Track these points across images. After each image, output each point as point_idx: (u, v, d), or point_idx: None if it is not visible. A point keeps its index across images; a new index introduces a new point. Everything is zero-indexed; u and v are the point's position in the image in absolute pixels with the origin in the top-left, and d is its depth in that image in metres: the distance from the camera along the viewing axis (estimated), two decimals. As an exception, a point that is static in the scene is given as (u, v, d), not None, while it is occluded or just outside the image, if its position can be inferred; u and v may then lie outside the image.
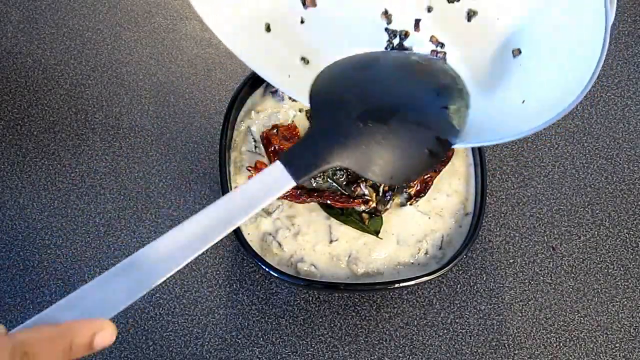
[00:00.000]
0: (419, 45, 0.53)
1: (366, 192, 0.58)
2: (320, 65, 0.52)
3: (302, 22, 0.53)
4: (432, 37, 0.53)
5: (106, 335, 0.37)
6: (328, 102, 0.48)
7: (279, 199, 0.58)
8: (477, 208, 0.58)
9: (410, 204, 0.59)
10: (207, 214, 0.41)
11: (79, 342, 0.36)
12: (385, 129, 0.46)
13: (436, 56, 0.52)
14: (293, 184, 0.43)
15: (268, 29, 0.52)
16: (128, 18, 0.74)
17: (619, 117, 0.71)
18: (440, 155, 0.47)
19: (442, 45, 0.53)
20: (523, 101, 0.47)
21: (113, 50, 0.72)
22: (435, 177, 0.60)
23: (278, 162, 0.43)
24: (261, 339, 0.61)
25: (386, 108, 0.47)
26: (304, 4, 0.52)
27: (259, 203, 0.43)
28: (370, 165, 0.46)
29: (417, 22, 0.53)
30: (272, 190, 0.43)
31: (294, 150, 0.45)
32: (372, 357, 0.61)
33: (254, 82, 0.62)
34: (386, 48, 0.53)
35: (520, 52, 0.49)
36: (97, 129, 0.69)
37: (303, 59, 0.53)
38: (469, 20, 0.51)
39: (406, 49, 0.53)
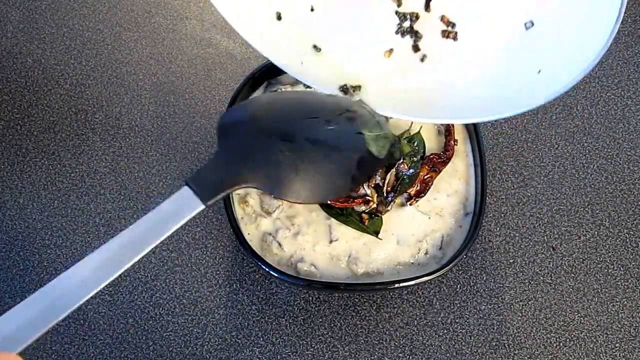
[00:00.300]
0: (430, 27, 0.53)
1: (368, 192, 0.58)
2: (330, 52, 0.52)
3: (312, 10, 0.53)
4: (442, 17, 0.52)
5: None
6: (237, 126, 0.48)
7: (278, 199, 0.58)
8: (477, 208, 0.58)
9: (410, 204, 0.59)
10: (116, 241, 0.41)
11: None
12: (294, 149, 0.46)
13: (447, 37, 0.52)
14: (201, 207, 0.43)
15: (279, 17, 0.52)
16: (128, 18, 0.74)
17: (619, 117, 0.71)
18: (356, 179, 0.48)
19: (453, 25, 0.52)
20: (539, 71, 0.47)
21: (113, 50, 0.72)
22: (436, 177, 0.60)
23: (185, 187, 0.43)
24: (261, 339, 0.61)
25: (297, 133, 0.47)
26: None
27: (166, 229, 0.42)
28: (280, 187, 0.46)
29: (428, 2, 0.53)
30: (181, 215, 0.43)
31: (201, 173, 0.44)
32: (372, 357, 0.61)
33: (254, 82, 0.62)
34: (396, 32, 0.53)
35: (532, 24, 0.49)
36: (97, 129, 0.69)
37: (315, 47, 0.53)
38: None
39: (416, 32, 0.53)
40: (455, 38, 0.52)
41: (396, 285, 0.55)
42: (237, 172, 0.45)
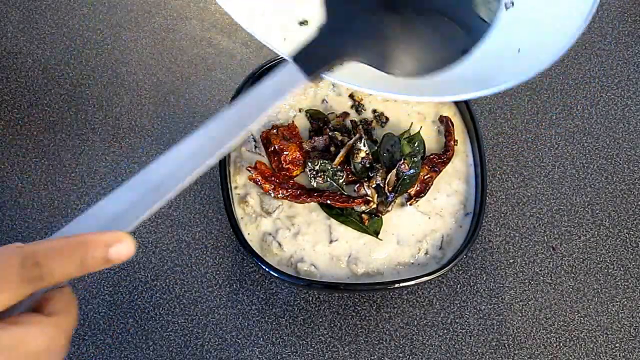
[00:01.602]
0: None
1: (368, 192, 0.58)
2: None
3: None
4: None
5: (123, 248, 0.35)
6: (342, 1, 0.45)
7: (279, 199, 0.58)
8: (477, 208, 0.58)
9: (410, 204, 0.59)
10: (221, 117, 0.40)
11: (94, 254, 0.34)
12: (401, 19, 0.44)
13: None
14: (305, 80, 0.41)
15: None
16: (128, 18, 0.74)
17: (619, 117, 0.71)
18: (460, 46, 0.45)
19: None
20: (519, 50, 0.46)
21: (113, 50, 0.72)
22: (436, 177, 0.60)
23: (290, 60, 0.41)
24: (261, 339, 0.61)
25: (402, 1, 0.45)
26: None
27: (271, 102, 0.41)
28: (387, 59, 0.43)
29: None
30: (284, 88, 0.41)
31: (305, 47, 0.42)
32: (372, 357, 0.61)
33: (254, 82, 0.62)
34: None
35: (512, 4, 0.48)
36: (97, 129, 0.69)
37: (301, 22, 0.52)
38: None
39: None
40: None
41: (396, 285, 0.55)
42: (344, 46, 0.43)
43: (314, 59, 0.42)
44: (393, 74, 0.44)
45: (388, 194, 0.58)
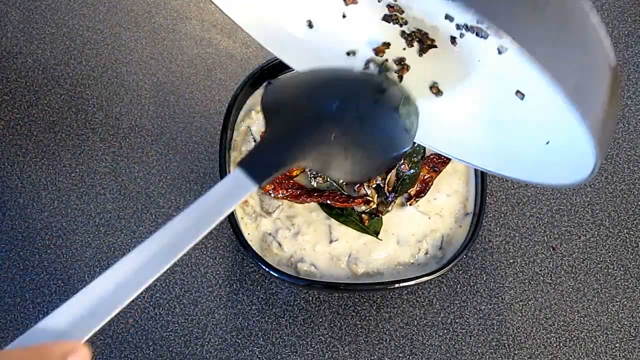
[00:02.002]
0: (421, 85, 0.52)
1: (368, 192, 0.58)
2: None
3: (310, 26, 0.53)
4: (432, 86, 0.52)
5: (80, 358, 0.35)
6: (282, 107, 0.47)
7: (279, 199, 0.58)
8: (477, 208, 0.58)
9: (410, 204, 0.59)
10: (171, 227, 0.41)
11: None
12: (343, 128, 0.46)
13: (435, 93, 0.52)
14: (254, 188, 0.43)
15: None
16: (128, 18, 0.74)
17: (619, 117, 0.71)
18: (391, 157, 0.48)
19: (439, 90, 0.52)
20: (547, 142, 0.46)
21: (113, 50, 0.72)
22: (436, 177, 0.60)
23: (237, 168, 0.43)
24: (261, 339, 0.61)
25: (342, 111, 0.47)
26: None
27: (222, 211, 0.42)
28: (329, 164, 0.46)
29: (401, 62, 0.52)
30: (234, 196, 0.42)
31: (252, 154, 0.44)
32: (372, 357, 0.61)
33: (254, 82, 0.62)
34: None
35: (523, 95, 0.46)
36: (97, 129, 0.69)
37: (309, 22, 0.52)
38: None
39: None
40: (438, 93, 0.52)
41: (396, 285, 0.55)
42: (288, 152, 0.44)
43: (263, 166, 0.43)
44: (333, 177, 0.47)
45: (388, 194, 0.58)
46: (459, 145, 0.52)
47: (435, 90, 0.50)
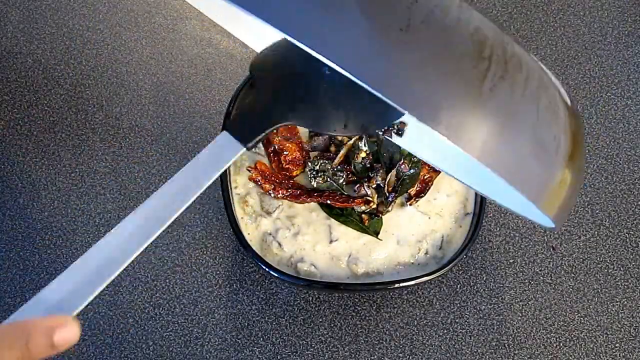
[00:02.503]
0: None
1: (369, 192, 0.58)
2: None
3: None
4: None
5: (67, 332, 0.34)
6: (269, 65, 0.45)
7: (279, 199, 0.58)
8: (477, 208, 0.58)
9: (410, 204, 0.59)
10: (160, 193, 0.40)
11: (37, 340, 0.33)
12: (334, 82, 0.43)
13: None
14: (242, 150, 0.41)
15: None
16: (128, 18, 0.74)
17: (619, 117, 0.71)
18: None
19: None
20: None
21: (113, 50, 0.72)
22: (436, 177, 0.60)
23: (224, 132, 0.42)
24: (261, 339, 0.61)
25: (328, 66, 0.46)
26: None
27: (210, 175, 0.41)
28: (320, 119, 0.44)
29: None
30: (222, 160, 0.41)
31: (238, 115, 0.43)
32: (372, 357, 0.61)
33: (254, 82, 0.62)
34: None
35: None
36: (97, 129, 0.69)
37: None
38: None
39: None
40: None
41: (396, 285, 0.55)
42: (275, 111, 0.43)
43: (249, 128, 0.42)
44: (326, 132, 0.44)
45: (388, 194, 0.58)
46: (452, 161, 0.50)
47: None
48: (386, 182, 0.58)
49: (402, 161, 0.58)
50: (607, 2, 0.77)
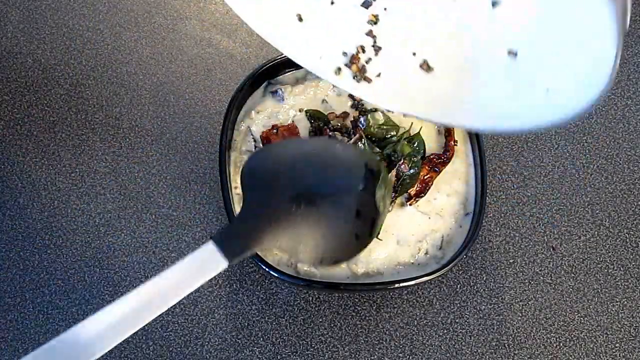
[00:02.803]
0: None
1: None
2: (315, 21, 0.52)
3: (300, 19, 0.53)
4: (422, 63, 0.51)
5: None
6: (260, 182, 0.48)
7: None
8: (477, 208, 0.58)
9: (410, 204, 0.59)
10: (137, 295, 0.41)
11: None
12: (316, 212, 0.47)
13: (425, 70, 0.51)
14: (225, 265, 0.43)
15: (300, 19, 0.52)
16: (128, 18, 0.74)
17: (619, 117, 0.71)
18: (365, 240, 0.49)
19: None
20: (547, 90, 0.44)
21: (113, 50, 0.72)
22: (435, 177, 0.60)
23: (210, 243, 0.43)
24: (261, 339, 0.61)
25: (316, 192, 0.48)
26: None
27: (191, 285, 0.42)
28: (300, 248, 0.47)
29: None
30: (205, 272, 0.43)
31: (226, 231, 0.45)
32: (372, 357, 0.61)
33: (254, 82, 0.62)
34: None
35: (516, 54, 0.45)
36: (97, 129, 0.69)
37: (298, 16, 0.52)
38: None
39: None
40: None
41: (396, 285, 0.55)
42: (263, 232, 0.45)
43: (236, 245, 0.44)
44: (301, 262, 0.48)
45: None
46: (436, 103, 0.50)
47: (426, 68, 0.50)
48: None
49: (402, 161, 0.58)
50: (607, 2, 0.77)
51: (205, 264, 0.43)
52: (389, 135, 0.60)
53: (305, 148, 0.51)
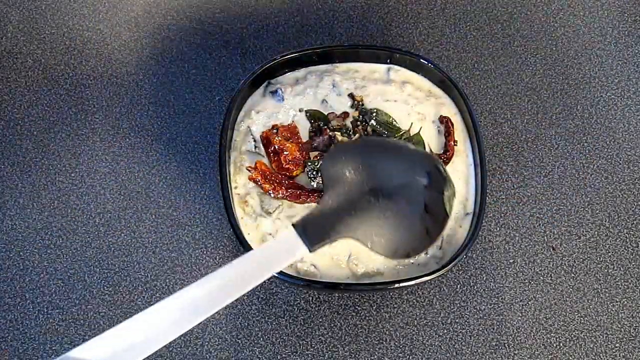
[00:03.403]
0: None
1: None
2: None
3: None
4: None
5: None
6: (340, 175, 0.50)
7: (279, 199, 0.58)
8: (477, 208, 0.58)
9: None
10: (223, 274, 0.43)
11: None
12: (391, 205, 0.49)
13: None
14: (307, 252, 0.45)
15: None
16: (128, 18, 0.74)
17: (619, 117, 0.71)
18: (434, 235, 0.51)
19: None
20: None
21: (113, 50, 0.72)
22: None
23: (293, 230, 0.45)
24: (261, 339, 0.61)
25: (392, 186, 0.50)
26: None
27: (273, 267, 0.44)
28: (377, 239, 0.49)
29: None
30: (287, 257, 0.45)
31: (309, 220, 0.47)
32: (372, 357, 0.61)
33: (254, 82, 0.62)
34: None
35: None
36: (97, 129, 0.69)
37: None
38: None
39: None
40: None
41: (396, 285, 0.55)
42: (343, 223, 0.48)
43: (317, 234, 0.46)
44: (378, 252, 0.49)
45: None
46: None
47: None
48: None
49: None
50: (607, 2, 0.77)
51: (288, 248, 0.45)
52: (388, 136, 0.60)
53: (376, 145, 0.54)
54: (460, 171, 0.61)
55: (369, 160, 0.51)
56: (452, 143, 0.60)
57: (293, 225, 0.46)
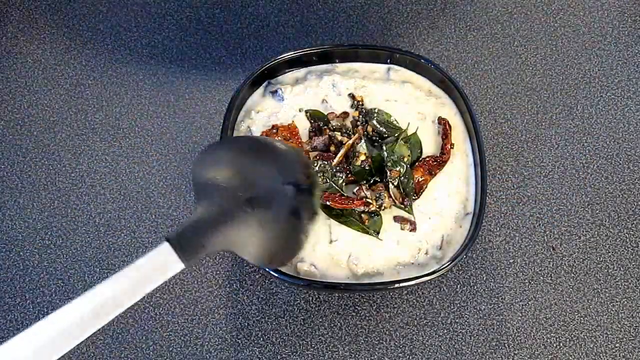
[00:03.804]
0: None
1: (368, 194, 0.58)
2: None
3: None
4: None
5: None
6: (212, 184, 0.48)
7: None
8: (477, 208, 0.58)
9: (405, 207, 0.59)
10: (93, 296, 0.40)
11: None
12: (268, 213, 0.48)
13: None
14: (182, 267, 0.43)
15: None
16: (128, 18, 0.74)
17: (619, 117, 0.71)
18: (305, 240, 0.51)
19: None
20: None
21: (113, 51, 0.72)
22: (430, 180, 0.60)
23: (167, 245, 0.43)
24: (261, 339, 0.61)
25: (266, 194, 0.49)
26: None
27: (147, 286, 0.42)
28: (254, 249, 0.48)
29: None
30: (161, 273, 0.43)
31: (183, 233, 0.44)
32: (372, 357, 0.61)
33: (254, 82, 0.62)
34: None
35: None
36: (97, 129, 0.69)
37: None
38: None
39: None
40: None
41: (396, 285, 0.55)
42: (219, 234, 0.46)
43: (191, 247, 0.44)
44: (251, 262, 0.49)
45: (403, 202, 0.58)
46: None
47: None
48: (394, 198, 0.58)
49: (390, 171, 0.58)
50: (607, 2, 0.77)
51: (161, 265, 0.42)
52: (388, 135, 0.60)
53: (246, 149, 0.52)
54: (460, 171, 0.61)
55: (240, 167, 0.49)
56: (449, 146, 0.60)
57: (167, 239, 0.43)
